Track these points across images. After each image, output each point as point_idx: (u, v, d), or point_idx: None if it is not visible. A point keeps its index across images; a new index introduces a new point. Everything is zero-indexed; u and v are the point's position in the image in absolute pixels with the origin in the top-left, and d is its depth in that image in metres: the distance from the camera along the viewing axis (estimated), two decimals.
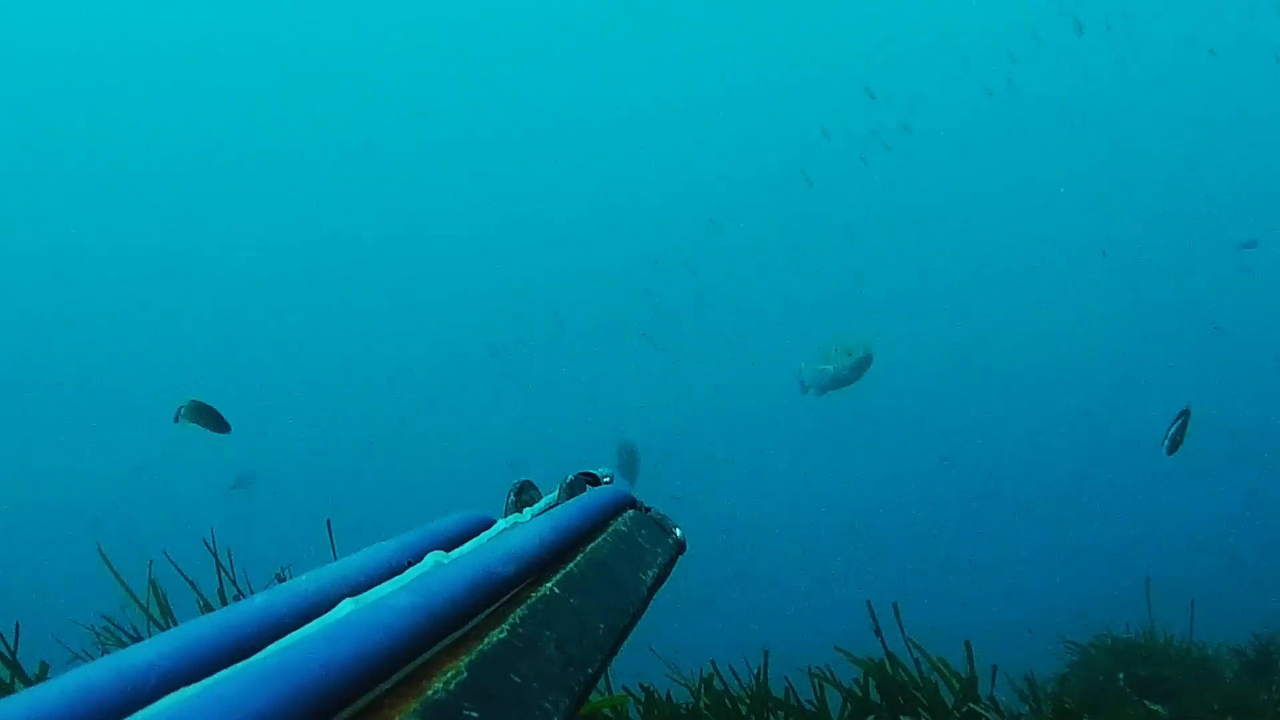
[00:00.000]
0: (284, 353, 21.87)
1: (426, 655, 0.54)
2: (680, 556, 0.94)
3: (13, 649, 2.52)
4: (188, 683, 0.46)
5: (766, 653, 3.03)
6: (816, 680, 3.03)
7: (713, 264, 21.51)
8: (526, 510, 0.89)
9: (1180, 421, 5.57)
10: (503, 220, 23.68)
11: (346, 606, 0.57)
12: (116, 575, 2.81)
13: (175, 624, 0.47)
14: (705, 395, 20.60)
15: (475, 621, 0.60)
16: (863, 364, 7.38)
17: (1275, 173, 18.77)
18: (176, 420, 4.23)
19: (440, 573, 0.60)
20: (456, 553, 0.72)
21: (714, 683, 3.05)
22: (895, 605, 3.09)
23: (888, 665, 2.95)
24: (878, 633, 3.00)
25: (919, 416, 18.46)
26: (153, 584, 2.86)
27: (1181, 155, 19.22)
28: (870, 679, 2.94)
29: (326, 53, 22.93)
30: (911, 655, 2.96)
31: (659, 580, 0.84)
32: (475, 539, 0.78)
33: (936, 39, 21.82)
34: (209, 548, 3.07)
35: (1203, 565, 13.05)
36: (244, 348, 21.91)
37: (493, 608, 0.62)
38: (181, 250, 22.69)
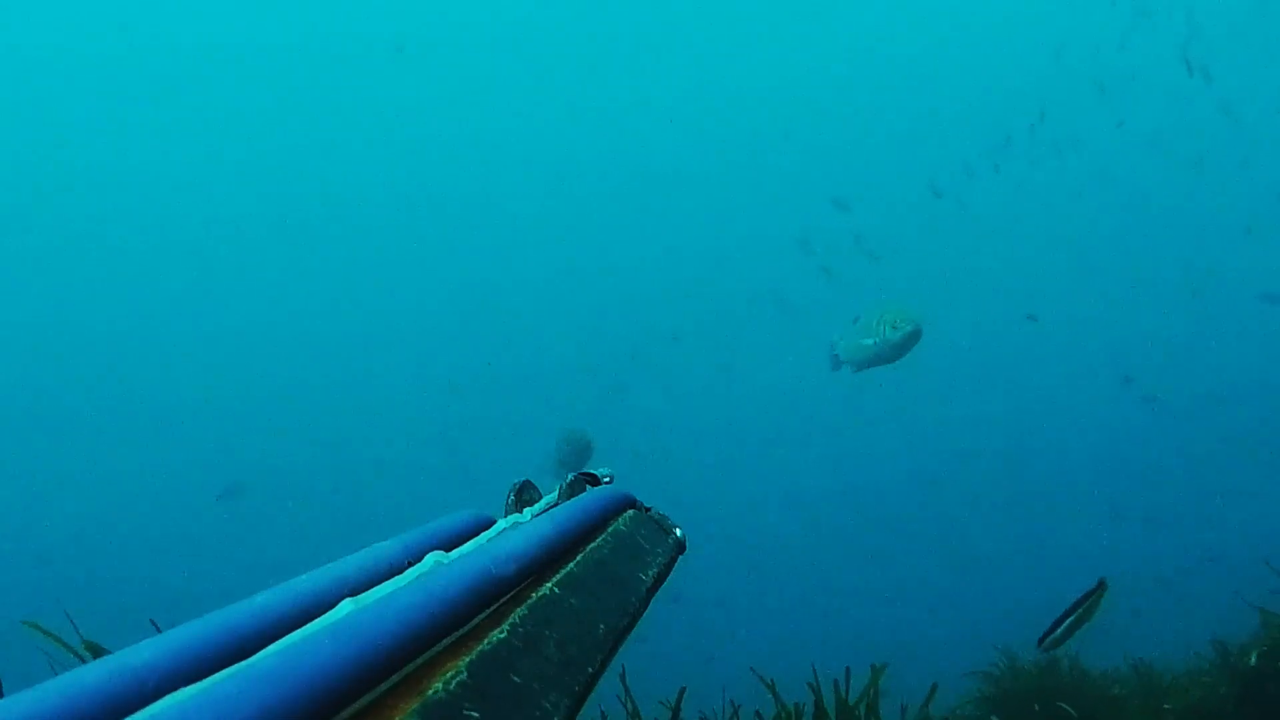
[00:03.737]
0: (280, 357, 21.74)
1: (426, 655, 0.54)
2: (680, 556, 0.94)
3: None
4: (188, 683, 0.46)
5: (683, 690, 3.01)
6: None
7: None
8: (526, 510, 0.89)
9: (1079, 612, 4.41)
10: (499, 220, 23.53)
11: (346, 606, 0.57)
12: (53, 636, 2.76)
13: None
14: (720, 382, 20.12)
15: (475, 621, 0.60)
16: (909, 340, 6.39)
17: None
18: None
19: (440, 573, 0.60)
20: (456, 553, 0.72)
21: None
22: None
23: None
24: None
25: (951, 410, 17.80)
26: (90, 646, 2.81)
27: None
28: None
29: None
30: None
31: (659, 580, 0.84)
32: (475, 539, 0.78)
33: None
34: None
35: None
36: (238, 351, 21.77)
37: (493, 608, 0.62)
38: (170, 251, 22.48)
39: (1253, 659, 4.66)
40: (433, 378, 20.64)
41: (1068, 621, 4.42)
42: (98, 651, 2.75)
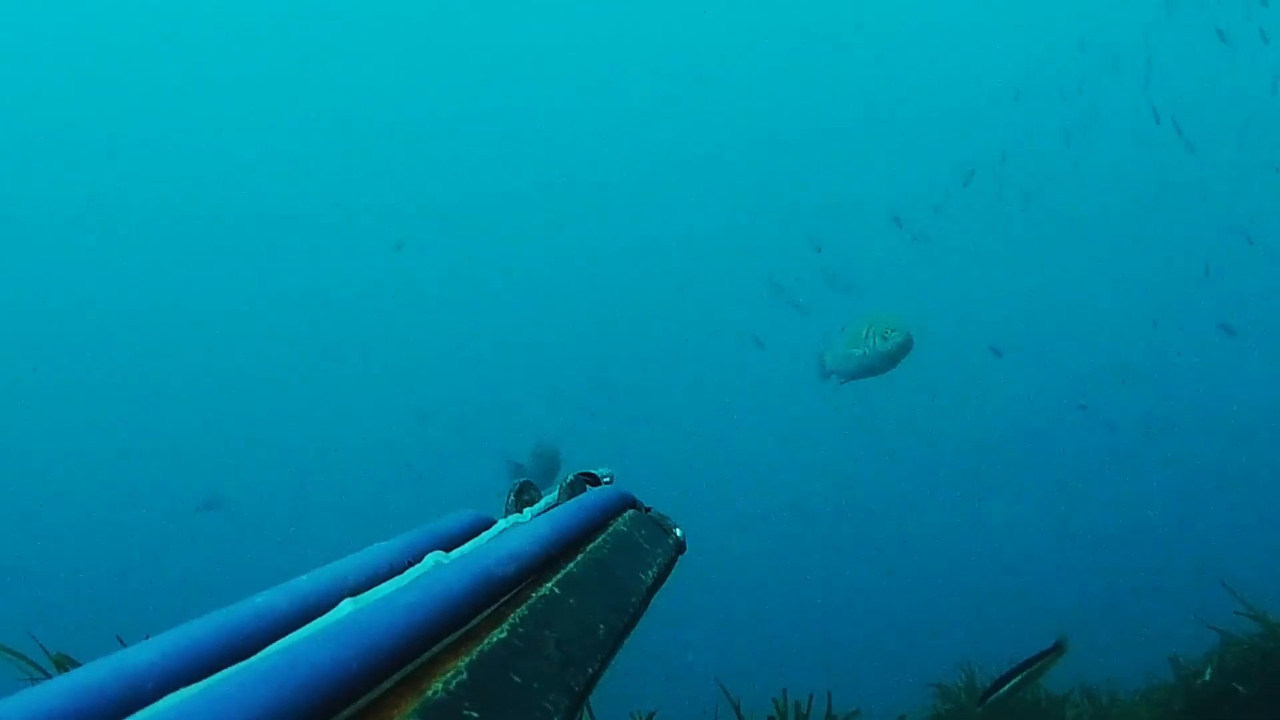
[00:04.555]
0: (260, 369, 21.60)
1: (426, 655, 0.54)
2: (680, 556, 0.95)
3: None
4: (188, 683, 0.46)
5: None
6: None
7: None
8: (526, 510, 0.89)
9: (1029, 671, 4.19)
10: (480, 242, 23.41)
11: (346, 606, 0.57)
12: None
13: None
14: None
15: (475, 622, 0.60)
16: (900, 350, 6.16)
17: None
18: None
19: (440, 573, 0.60)
20: (456, 553, 0.72)
21: None
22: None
23: None
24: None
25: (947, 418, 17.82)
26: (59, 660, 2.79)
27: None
28: None
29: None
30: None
31: (659, 580, 0.85)
32: (475, 539, 0.78)
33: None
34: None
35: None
36: (220, 361, 21.61)
37: (493, 608, 0.62)
38: (143, 262, 22.25)
39: (1207, 674, 4.64)
40: (404, 396, 20.58)
41: (1014, 680, 4.23)
42: (66, 665, 2.73)
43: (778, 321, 16.94)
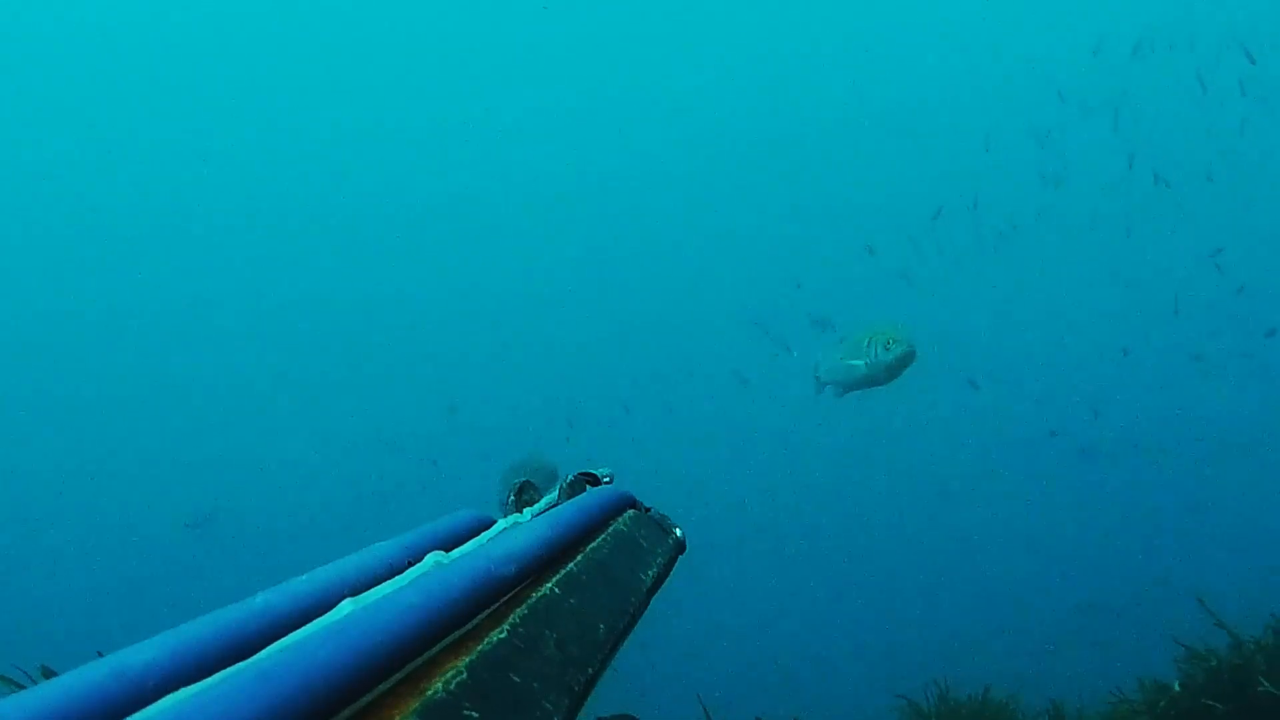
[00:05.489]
0: (248, 381, 21.52)
1: (426, 655, 0.54)
2: (680, 556, 0.94)
3: None
4: (188, 683, 0.46)
5: None
6: None
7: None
8: (526, 510, 0.89)
9: None
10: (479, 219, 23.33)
11: (346, 606, 0.57)
12: None
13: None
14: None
15: (475, 621, 0.60)
16: (903, 361, 5.94)
17: None
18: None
19: (440, 573, 0.60)
20: (456, 553, 0.72)
21: None
22: None
23: None
24: None
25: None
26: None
27: None
28: None
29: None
30: None
31: (659, 580, 0.84)
32: (475, 539, 0.78)
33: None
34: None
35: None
36: (205, 375, 21.51)
37: (493, 608, 0.62)
38: (125, 275, 22.08)
39: (1175, 686, 4.64)
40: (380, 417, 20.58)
41: None
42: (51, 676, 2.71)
43: (761, 358, 17.19)
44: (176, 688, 0.46)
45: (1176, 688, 4.60)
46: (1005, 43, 21.08)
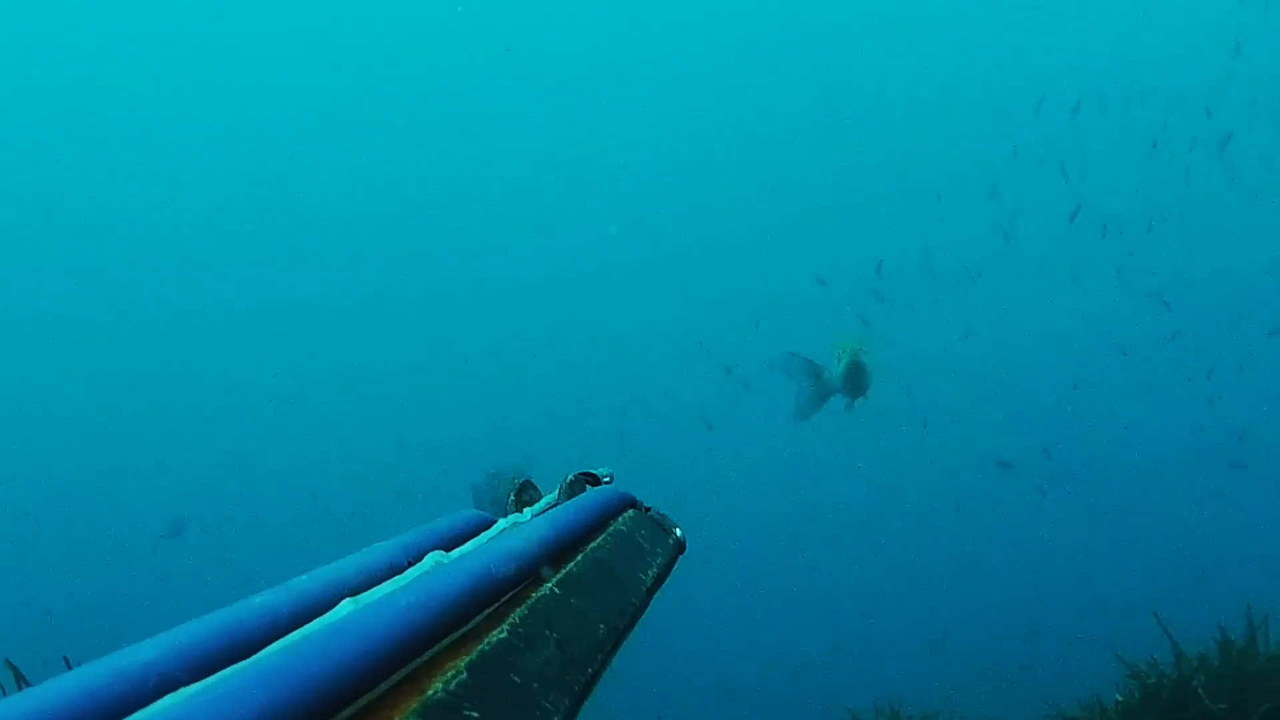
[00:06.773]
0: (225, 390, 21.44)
1: (426, 655, 0.54)
2: (680, 556, 0.94)
3: None
4: (188, 683, 0.46)
5: None
6: None
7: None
8: (526, 510, 0.89)
9: None
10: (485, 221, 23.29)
11: (346, 606, 0.57)
12: None
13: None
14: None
15: (475, 621, 0.60)
16: (852, 372, 5.42)
17: None
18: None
19: (440, 573, 0.60)
20: (456, 553, 0.72)
21: None
22: None
23: None
24: None
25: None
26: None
27: None
28: None
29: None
30: None
31: (659, 580, 0.85)
32: (475, 539, 0.78)
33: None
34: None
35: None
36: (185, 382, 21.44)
37: (493, 608, 0.62)
38: (105, 279, 21.87)
39: (1110, 704, 4.65)
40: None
41: None
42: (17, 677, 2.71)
43: (729, 400, 17.31)
44: (176, 688, 0.46)
45: (1111, 706, 4.61)
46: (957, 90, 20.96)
